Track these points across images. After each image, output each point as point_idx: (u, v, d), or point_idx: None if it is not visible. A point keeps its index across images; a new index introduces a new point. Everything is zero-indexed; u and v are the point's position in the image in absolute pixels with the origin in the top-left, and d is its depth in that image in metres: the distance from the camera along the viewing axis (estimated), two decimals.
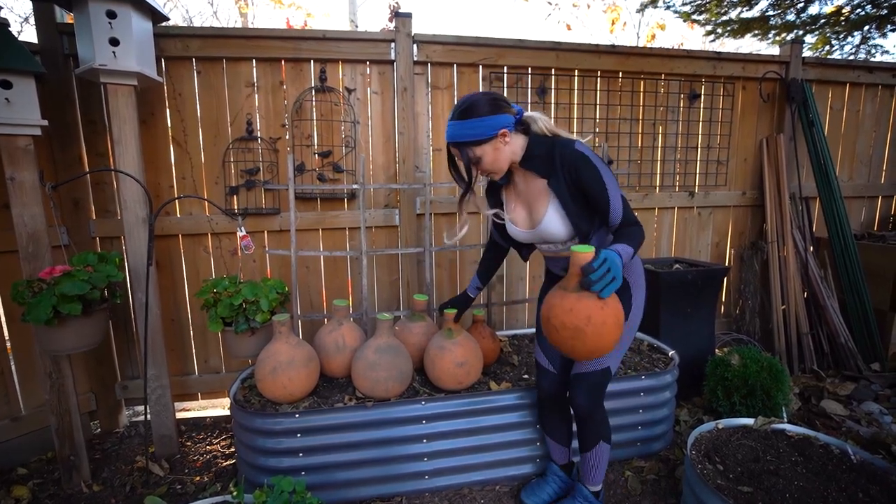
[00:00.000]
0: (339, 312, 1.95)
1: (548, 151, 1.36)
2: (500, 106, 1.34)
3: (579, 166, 1.31)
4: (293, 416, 1.64)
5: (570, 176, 1.33)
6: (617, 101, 2.73)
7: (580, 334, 1.13)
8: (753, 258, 2.96)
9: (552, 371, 1.60)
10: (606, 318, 1.13)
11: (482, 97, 1.34)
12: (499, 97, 1.36)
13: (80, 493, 1.84)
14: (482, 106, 1.32)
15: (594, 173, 1.30)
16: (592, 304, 1.12)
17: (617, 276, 1.13)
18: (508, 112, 1.35)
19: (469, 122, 1.32)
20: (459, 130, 1.34)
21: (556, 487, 1.69)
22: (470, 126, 1.32)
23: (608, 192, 1.30)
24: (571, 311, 1.13)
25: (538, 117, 1.41)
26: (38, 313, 1.53)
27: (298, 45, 2.28)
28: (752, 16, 4.15)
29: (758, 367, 2.07)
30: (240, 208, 2.33)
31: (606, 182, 1.30)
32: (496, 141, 1.35)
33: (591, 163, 1.30)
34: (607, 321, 1.13)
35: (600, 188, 1.30)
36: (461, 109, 1.33)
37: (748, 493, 1.37)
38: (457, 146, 1.37)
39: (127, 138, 1.86)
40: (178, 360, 2.40)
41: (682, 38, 9.58)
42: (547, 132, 1.39)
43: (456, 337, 1.80)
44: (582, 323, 1.12)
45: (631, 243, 1.28)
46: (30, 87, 1.66)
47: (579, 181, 1.32)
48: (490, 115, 1.32)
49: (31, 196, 1.72)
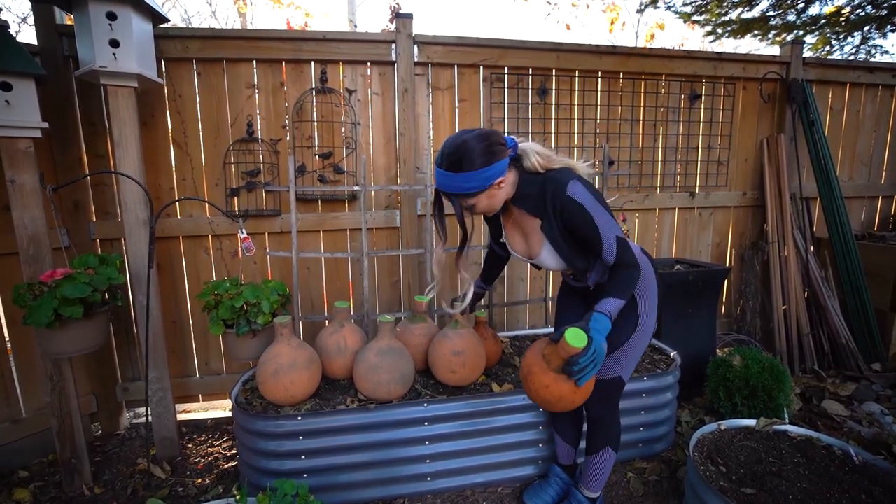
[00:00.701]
0: (341, 314, 1.95)
1: (539, 191, 1.29)
2: (494, 153, 1.22)
3: (571, 212, 1.25)
4: (295, 418, 1.64)
5: (561, 220, 1.29)
6: (618, 101, 2.72)
7: (549, 405, 1.26)
8: (754, 258, 2.96)
9: None
10: (576, 399, 1.24)
11: (475, 144, 1.21)
12: (493, 140, 1.24)
13: (82, 496, 1.84)
14: (476, 156, 1.20)
15: (586, 218, 1.24)
16: (567, 389, 1.21)
17: (599, 362, 1.19)
18: (503, 156, 1.25)
19: (462, 176, 1.21)
20: (450, 182, 1.24)
21: (559, 489, 1.69)
22: (462, 179, 1.22)
23: (601, 236, 1.25)
24: (547, 388, 1.22)
25: (530, 151, 1.31)
26: (40, 316, 1.52)
27: (299, 47, 2.27)
28: (752, 16, 4.15)
29: (759, 368, 2.07)
30: (240, 210, 2.33)
31: (599, 225, 1.24)
32: (491, 189, 1.27)
33: (584, 209, 1.23)
34: (576, 401, 1.24)
35: (593, 233, 1.25)
36: (452, 160, 1.21)
37: (751, 495, 1.37)
38: (447, 196, 1.29)
39: (127, 140, 1.85)
40: (179, 361, 2.40)
41: (682, 38, 9.60)
42: (539, 168, 1.30)
43: (459, 328, 1.83)
44: (553, 399, 1.23)
45: (622, 294, 1.27)
46: (30, 89, 1.65)
47: (571, 226, 1.28)
48: (485, 167, 1.21)
49: (32, 198, 1.71)
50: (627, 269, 1.29)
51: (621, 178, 2.78)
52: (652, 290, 1.45)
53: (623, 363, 1.45)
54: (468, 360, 1.78)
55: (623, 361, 1.45)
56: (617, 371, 1.46)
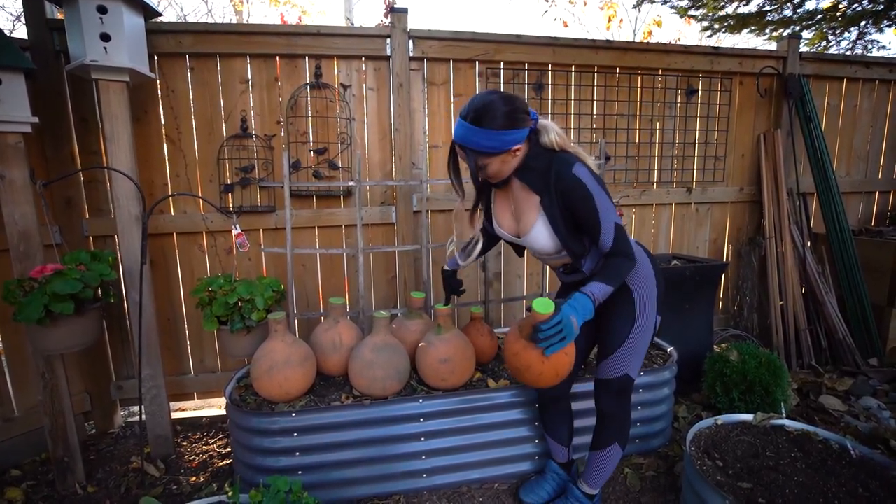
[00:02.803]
0: (336, 310, 1.94)
1: (545, 166, 1.30)
2: (517, 119, 1.24)
3: (573, 191, 1.25)
4: (289, 415, 1.62)
5: (562, 199, 1.28)
6: (614, 96, 2.71)
7: (519, 374, 1.28)
8: (751, 254, 2.96)
9: None
10: (545, 370, 1.23)
11: (501, 105, 1.23)
12: (518, 106, 1.25)
13: (75, 495, 1.82)
14: (500, 118, 1.22)
15: (588, 201, 1.24)
16: (534, 357, 1.21)
17: (569, 335, 1.18)
18: (524, 125, 1.27)
19: (484, 132, 1.22)
20: (471, 136, 1.24)
21: (555, 485, 1.68)
22: (484, 135, 1.23)
23: (600, 221, 1.25)
24: (516, 356, 1.25)
25: (550, 128, 1.32)
26: (30, 312, 1.50)
27: (293, 41, 2.25)
28: (748, 11, 4.14)
29: (756, 363, 2.06)
30: (235, 206, 2.31)
31: (600, 210, 1.25)
32: (507, 154, 1.29)
33: (587, 189, 1.24)
34: (545, 373, 1.24)
35: (593, 216, 1.25)
36: (478, 113, 1.22)
37: (748, 489, 1.36)
38: (464, 149, 1.29)
39: (119, 135, 1.84)
40: (174, 359, 2.38)
41: (679, 33, 9.57)
42: (556, 146, 1.31)
43: (444, 333, 1.78)
44: (522, 368, 1.25)
45: (611, 281, 1.26)
46: (19, 84, 1.63)
47: (572, 206, 1.27)
48: (508, 130, 1.23)
49: (22, 194, 1.69)
50: (622, 258, 1.28)
51: (618, 173, 2.77)
52: (650, 286, 1.43)
53: (627, 361, 1.44)
54: (456, 366, 1.75)
55: (627, 359, 1.44)
56: (624, 369, 1.44)
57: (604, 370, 1.47)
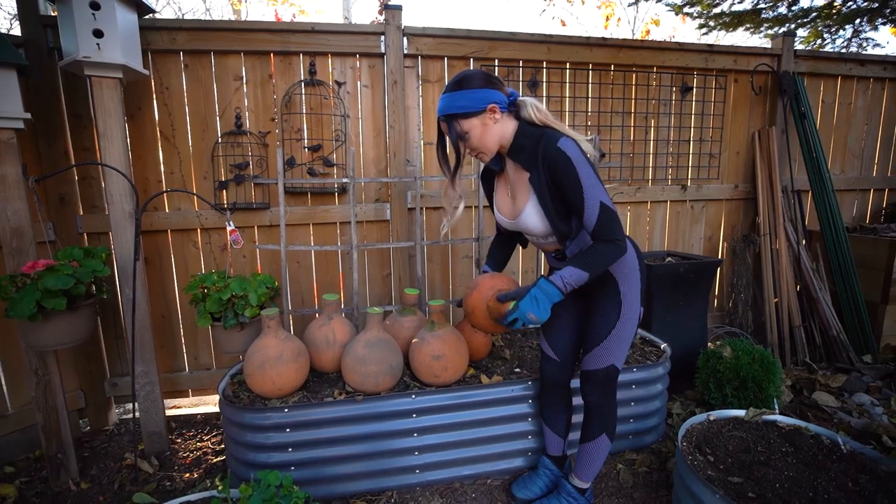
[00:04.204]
0: (330, 307, 1.94)
1: (534, 144, 1.32)
2: (492, 82, 1.33)
3: (557, 164, 1.26)
4: (282, 410, 1.63)
5: (548, 173, 1.29)
6: (609, 94, 2.72)
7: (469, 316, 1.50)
8: (746, 251, 2.96)
9: (555, 358, 1.62)
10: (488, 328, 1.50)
11: (477, 71, 1.34)
12: (494, 76, 1.35)
13: (68, 491, 1.82)
14: (475, 79, 1.31)
15: (571, 174, 1.25)
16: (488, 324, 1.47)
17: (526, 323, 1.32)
18: (501, 90, 1.34)
19: (460, 94, 1.30)
20: (450, 102, 1.32)
21: (548, 481, 1.69)
22: (460, 97, 1.30)
23: (584, 196, 1.25)
24: (472, 313, 1.49)
25: (528, 102, 1.37)
26: (22, 308, 1.50)
27: (287, 39, 2.25)
28: (743, 9, 4.15)
29: (749, 360, 2.07)
30: (229, 203, 2.31)
31: (584, 185, 1.25)
32: (485, 116, 1.32)
33: (571, 162, 1.24)
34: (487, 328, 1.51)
35: (576, 190, 1.25)
36: (455, 81, 1.32)
37: (738, 484, 1.36)
38: (446, 119, 1.34)
39: (113, 132, 1.84)
40: (168, 356, 2.38)
41: (675, 31, 9.58)
42: (536, 120, 1.35)
43: (437, 329, 1.79)
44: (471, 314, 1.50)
45: (587, 267, 1.26)
46: (11, 80, 1.63)
47: (557, 179, 1.28)
48: (481, 89, 1.30)
49: (14, 190, 1.69)
50: (607, 243, 1.27)
51: (613, 170, 2.77)
52: (635, 278, 1.45)
53: (613, 352, 1.45)
54: (449, 363, 1.75)
55: (612, 350, 1.45)
56: (609, 360, 1.46)
57: (590, 362, 1.48)
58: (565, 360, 1.62)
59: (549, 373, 1.64)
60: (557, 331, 1.61)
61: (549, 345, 1.63)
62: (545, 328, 1.64)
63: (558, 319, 1.58)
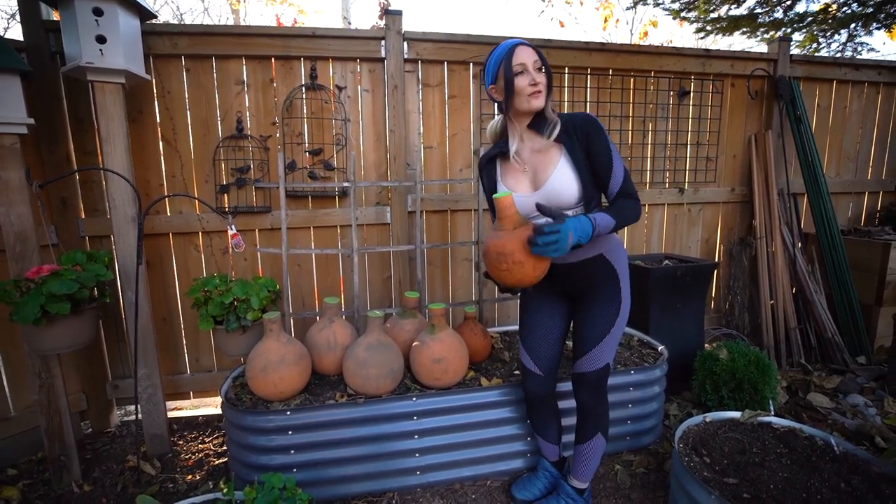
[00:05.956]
0: (331, 310, 1.96)
1: (562, 117, 1.41)
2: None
3: (591, 125, 1.37)
4: (284, 413, 1.64)
5: (583, 137, 1.37)
6: (607, 98, 2.74)
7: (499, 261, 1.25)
8: (742, 254, 2.99)
9: (538, 373, 1.59)
10: (526, 263, 1.23)
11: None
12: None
13: (71, 494, 1.83)
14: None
15: (604, 139, 1.36)
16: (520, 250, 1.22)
17: (561, 248, 1.17)
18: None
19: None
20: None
21: (547, 482, 1.71)
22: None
23: (612, 160, 1.36)
24: (503, 243, 1.24)
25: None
26: (26, 313, 1.52)
27: (288, 43, 2.27)
28: (740, 13, 4.18)
29: (745, 362, 2.09)
30: (230, 207, 2.32)
31: (612, 149, 1.37)
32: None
33: (602, 131, 1.38)
34: (525, 264, 1.23)
35: (607, 154, 1.36)
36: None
37: (733, 485, 1.39)
38: (538, 52, 1.37)
39: (115, 136, 1.85)
40: (170, 359, 2.40)
41: (672, 35, 9.61)
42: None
43: (437, 333, 1.80)
44: (506, 253, 1.23)
45: (616, 216, 1.31)
46: (15, 85, 1.64)
47: (590, 142, 1.37)
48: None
49: (18, 195, 1.70)
50: (631, 198, 1.37)
51: None
52: (628, 272, 1.50)
53: (607, 352, 1.48)
54: (450, 366, 1.77)
55: (607, 350, 1.48)
56: (604, 360, 1.48)
57: (585, 364, 1.49)
58: (549, 373, 1.60)
59: (533, 389, 1.62)
60: (542, 344, 1.57)
61: (532, 360, 1.59)
62: (528, 343, 1.59)
63: (544, 332, 1.57)
